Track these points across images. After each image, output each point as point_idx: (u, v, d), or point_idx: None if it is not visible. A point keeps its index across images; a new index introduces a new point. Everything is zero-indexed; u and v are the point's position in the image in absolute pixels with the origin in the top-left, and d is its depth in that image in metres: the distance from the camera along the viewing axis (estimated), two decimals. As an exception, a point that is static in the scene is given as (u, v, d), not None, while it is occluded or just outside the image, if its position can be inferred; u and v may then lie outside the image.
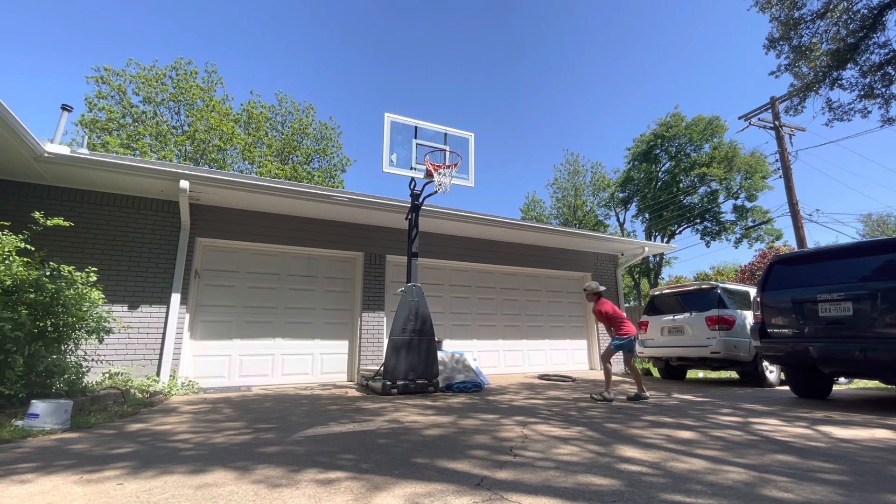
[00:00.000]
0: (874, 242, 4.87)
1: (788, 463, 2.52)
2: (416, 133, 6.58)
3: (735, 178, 25.70)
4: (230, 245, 7.01)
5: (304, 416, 4.15)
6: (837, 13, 9.08)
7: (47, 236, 5.02)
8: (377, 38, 49.93)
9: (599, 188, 32.31)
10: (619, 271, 10.76)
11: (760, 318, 5.44)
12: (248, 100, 24.94)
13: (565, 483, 2.15)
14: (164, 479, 2.23)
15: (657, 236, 28.66)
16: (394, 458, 2.61)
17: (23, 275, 3.87)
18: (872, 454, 2.73)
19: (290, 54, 46.10)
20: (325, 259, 7.77)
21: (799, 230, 13.40)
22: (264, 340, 7.00)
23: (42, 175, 5.67)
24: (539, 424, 3.71)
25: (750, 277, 17.79)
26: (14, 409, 3.59)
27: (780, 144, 14.26)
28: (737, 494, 1.99)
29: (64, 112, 6.31)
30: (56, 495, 2.01)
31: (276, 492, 2.04)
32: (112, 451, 2.81)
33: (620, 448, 2.87)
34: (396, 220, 7.58)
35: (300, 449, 2.86)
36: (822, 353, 4.72)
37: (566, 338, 9.94)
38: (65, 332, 4.17)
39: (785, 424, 3.72)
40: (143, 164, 5.90)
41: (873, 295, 4.43)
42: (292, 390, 6.18)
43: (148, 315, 6.06)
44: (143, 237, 6.26)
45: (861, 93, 9.31)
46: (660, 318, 8.22)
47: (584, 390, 6.32)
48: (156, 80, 20.34)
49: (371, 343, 7.56)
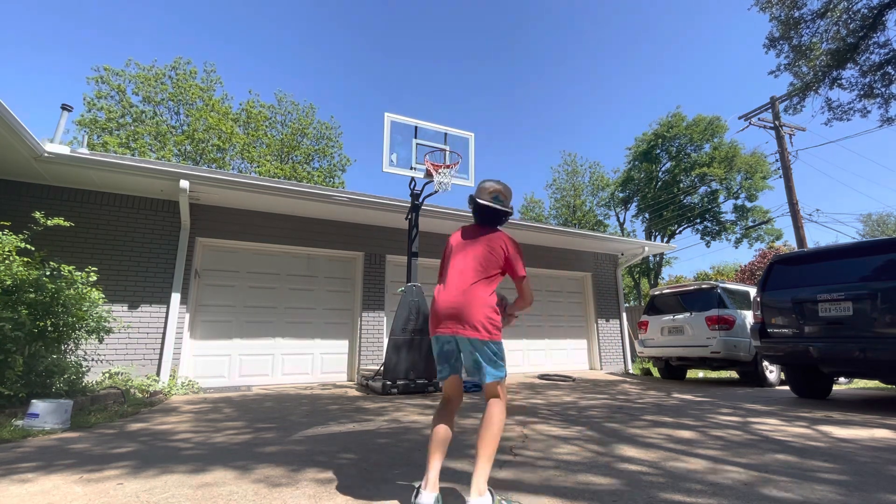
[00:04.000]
0: (874, 242, 4.87)
1: (788, 462, 2.52)
2: (416, 133, 6.58)
3: (735, 178, 25.69)
4: (230, 245, 7.01)
5: (304, 415, 4.15)
6: (837, 13, 9.08)
7: (47, 236, 5.02)
8: (377, 37, 49.96)
9: (598, 188, 32.31)
10: (619, 271, 10.77)
11: (760, 318, 5.44)
12: (246, 99, 24.93)
13: (565, 482, 2.15)
14: (165, 478, 2.24)
15: (657, 236, 28.66)
16: (394, 458, 2.61)
17: (23, 275, 3.87)
18: (872, 454, 2.73)
19: (290, 53, 46.14)
20: (325, 259, 7.77)
21: (799, 230, 13.40)
22: (264, 340, 7.00)
23: (42, 175, 5.67)
24: (539, 424, 3.71)
25: (750, 277, 17.80)
26: (14, 409, 3.59)
27: (780, 144, 14.25)
28: (736, 494, 1.99)
29: (64, 112, 6.31)
30: (56, 495, 2.01)
31: (277, 491, 2.04)
32: (112, 450, 2.82)
33: (620, 447, 2.88)
34: (396, 220, 7.58)
35: (300, 448, 2.86)
36: (822, 353, 4.72)
37: (566, 338, 9.94)
38: (65, 332, 4.17)
39: (785, 424, 3.72)
40: (143, 163, 5.90)
41: (873, 295, 4.43)
42: (292, 390, 6.19)
43: (148, 315, 6.06)
44: (143, 237, 6.26)
45: (861, 92, 9.32)
46: (660, 317, 8.22)
47: (585, 390, 6.33)
48: (155, 80, 20.34)
49: (371, 343, 7.56)
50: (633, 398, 5.51)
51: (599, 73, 51.84)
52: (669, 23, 46.46)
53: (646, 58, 50.47)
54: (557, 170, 33.10)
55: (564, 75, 52.67)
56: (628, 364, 10.22)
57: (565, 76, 52.75)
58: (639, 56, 50.68)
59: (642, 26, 47.44)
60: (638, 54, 50.25)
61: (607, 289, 10.53)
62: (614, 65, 51.60)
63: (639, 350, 8.65)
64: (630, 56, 50.94)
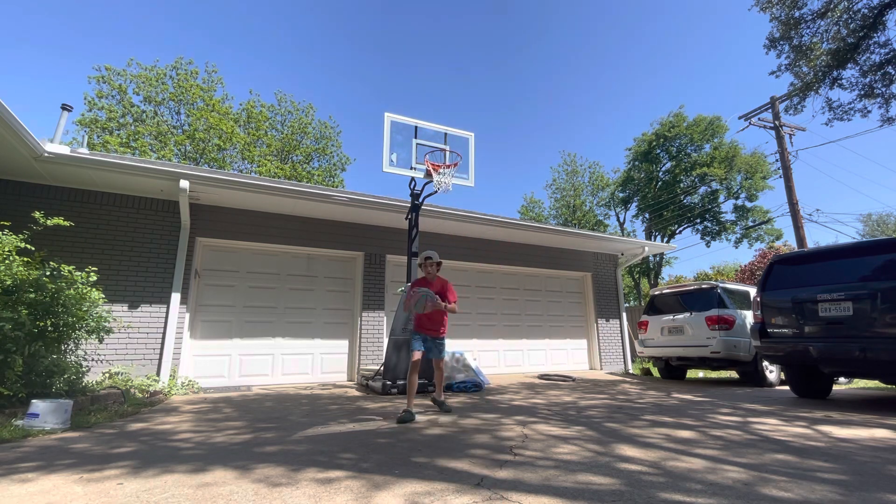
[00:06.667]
0: (874, 242, 4.87)
1: (787, 462, 2.52)
2: (416, 133, 6.57)
3: (735, 178, 25.66)
4: (230, 245, 7.01)
5: (304, 415, 4.15)
6: (838, 13, 9.08)
7: (47, 236, 5.03)
8: (377, 36, 49.96)
9: (598, 188, 32.29)
10: (619, 271, 10.77)
11: (760, 318, 5.44)
12: (247, 99, 24.93)
13: (565, 482, 2.15)
14: (165, 478, 2.24)
15: (657, 236, 28.64)
16: (394, 458, 2.61)
17: (23, 275, 3.87)
18: (871, 454, 2.73)
19: (290, 52, 46.14)
20: (325, 259, 7.77)
21: (799, 230, 13.40)
22: (264, 340, 7.00)
23: (42, 175, 5.67)
24: (539, 424, 3.71)
25: (750, 277, 17.78)
26: (14, 409, 3.60)
27: (780, 144, 14.25)
28: (736, 493, 1.99)
29: (64, 112, 6.32)
30: (57, 495, 2.01)
31: (277, 491, 2.04)
32: (112, 450, 2.82)
33: (620, 447, 2.88)
34: (396, 219, 7.58)
35: (300, 448, 2.86)
36: (822, 353, 4.72)
37: (566, 337, 9.94)
38: (65, 332, 4.17)
39: (784, 424, 3.72)
40: (143, 163, 5.90)
41: (873, 295, 4.43)
42: (292, 390, 6.19)
43: (148, 315, 6.06)
44: (143, 237, 6.26)
45: (861, 92, 9.31)
46: (660, 317, 8.22)
47: (585, 390, 6.33)
48: (156, 80, 20.34)
49: (371, 343, 7.57)
50: (633, 398, 5.51)
51: (599, 72, 51.86)
52: (670, 23, 46.47)
53: (646, 58, 50.49)
54: (557, 170, 33.11)
55: (565, 75, 52.68)
56: (628, 364, 10.22)
57: (566, 76, 52.77)
58: (639, 56, 50.69)
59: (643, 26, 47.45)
60: (638, 54, 50.26)
61: (607, 289, 10.53)
62: (614, 65, 51.61)
63: (639, 350, 8.65)
64: (630, 55, 50.95)
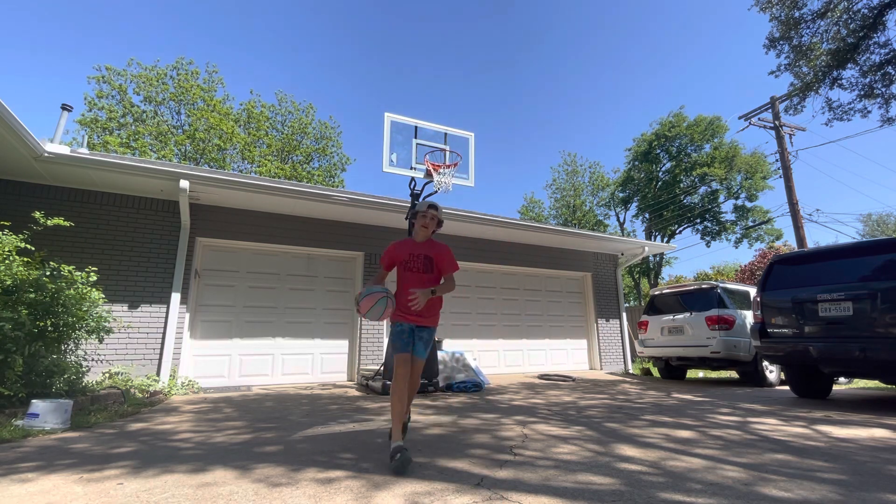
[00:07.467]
0: (874, 242, 4.87)
1: (787, 462, 2.52)
2: (416, 133, 6.57)
3: (735, 178, 25.65)
4: (230, 245, 7.01)
5: (304, 415, 4.16)
6: (838, 13, 9.07)
7: (47, 236, 5.03)
8: (377, 36, 49.95)
9: (598, 188, 32.29)
10: (619, 271, 10.77)
11: (760, 318, 5.44)
12: (248, 99, 24.94)
13: (565, 482, 2.16)
14: (165, 478, 2.24)
15: (657, 236, 28.64)
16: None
17: (23, 275, 3.87)
18: (871, 454, 2.73)
19: (291, 53, 46.12)
20: (325, 259, 7.77)
21: (799, 230, 13.40)
22: (264, 340, 7.00)
23: (42, 175, 5.67)
24: (539, 424, 3.71)
25: (750, 277, 17.78)
26: (14, 409, 3.60)
27: (780, 144, 14.25)
28: (735, 493, 1.99)
29: (64, 112, 6.32)
30: (57, 494, 2.01)
31: (277, 491, 2.04)
32: (112, 450, 2.82)
33: (620, 447, 2.88)
34: (396, 219, 7.58)
35: (300, 448, 2.87)
36: (822, 353, 4.72)
37: (566, 337, 9.94)
38: (65, 332, 4.17)
39: (784, 424, 3.73)
40: (143, 163, 5.90)
41: (873, 295, 4.43)
42: (292, 390, 6.19)
43: (148, 315, 6.06)
44: (143, 237, 6.26)
45: (861, 92, 9.31)
46: (660, 317, 8.22)
47: (585, 390, 6.33)
48: (157, 80, 20.34)
49: (371, 343, 7.57)
50: (632, 398, 5.52)
51: (599, 72, 51.87)
52: (670, 23, 46.47)
53: (646, 58, 50.50)
54: (557, 169, 33.11)
55: (565, 75, 52.69)
56: (628, 364, 10.22)
57: (566, 76, 52.77)
58: (639, 56, 50.69)
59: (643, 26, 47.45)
60: (638, 54, 50.26)
61: (607, 289, 10.53)
62: (614, 65, 51.62)
63: (639, 350, 8.65)
64: (630, 55, 50.95)
